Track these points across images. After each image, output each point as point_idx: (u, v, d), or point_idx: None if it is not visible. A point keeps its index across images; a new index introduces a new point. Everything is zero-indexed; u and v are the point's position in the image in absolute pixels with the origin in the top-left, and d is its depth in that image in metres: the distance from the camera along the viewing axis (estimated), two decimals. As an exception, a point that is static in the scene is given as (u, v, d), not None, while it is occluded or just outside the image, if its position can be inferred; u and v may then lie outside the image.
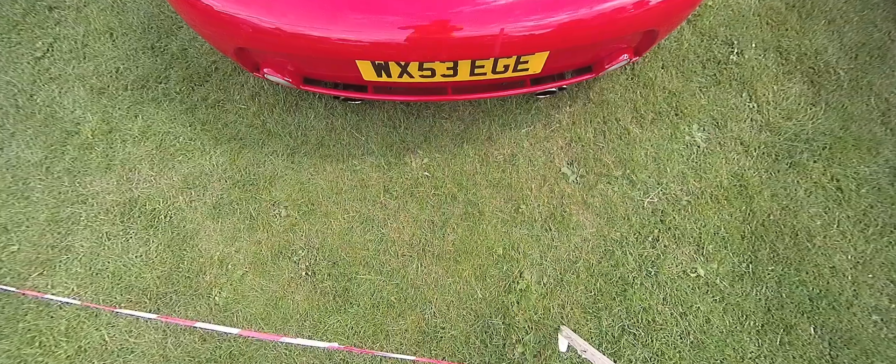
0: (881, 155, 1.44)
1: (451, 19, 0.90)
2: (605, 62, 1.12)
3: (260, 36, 0.94)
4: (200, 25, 1.02)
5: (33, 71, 1.67)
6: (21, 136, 1.56)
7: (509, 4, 0.89)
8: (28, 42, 1.74)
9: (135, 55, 1.60)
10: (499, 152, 1.37)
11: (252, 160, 1.39)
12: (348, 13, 0.89)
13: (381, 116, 1.42)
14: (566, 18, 0.91)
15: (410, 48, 0.93)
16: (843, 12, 1.69)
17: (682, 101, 1.45)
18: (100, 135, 1.51)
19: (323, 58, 0.99)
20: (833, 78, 1.55)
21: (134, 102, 1.53)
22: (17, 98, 1.63)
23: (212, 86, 1.51)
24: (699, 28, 1.57)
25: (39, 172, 1.50)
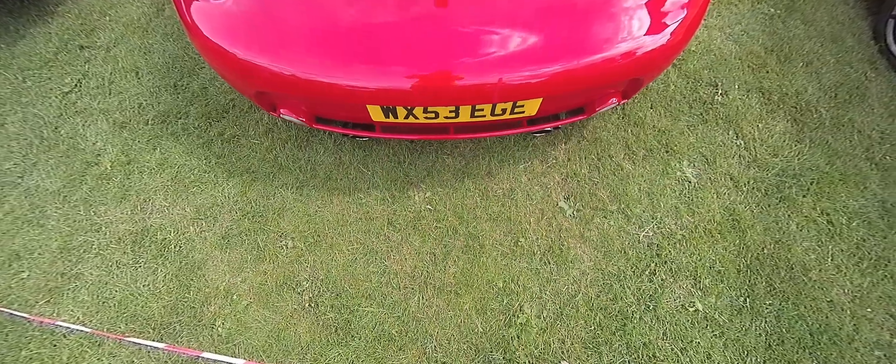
0: (868, 189, 1.48)
1: (453, 69, 0.98)
2: (596, 105, 1.19)
3: (278, 81, 1.02)
4: (224, 70, 1.09)
5: (60, 104, 1.76)
6: (43, 166, 1.62)
7: (507, 56, 0.97)
8: (58, 77, 1.85)
9: (158, 92, 1.70)
10: (498, 187, 1.41)
11: (262, 192, 1.43)
12: (360, 63, 0.97)
13: (387, 152, 1.47)
14: (559, 69, 0.98)
15: (416, 95, 1.00)
16: (820, 55, 1.79)
17: (672, 138, 1.51)
18: (118, 166, 1.56)
19: (336, 102, 1.07)
20: (815, 116, 1.62)
21: (154, 136, 1.60)
22: (43, 130, 1.71)
23: (228, 122, 1.59)
24: (684, 71, 1.66)
25: (57, 201, 1.55)
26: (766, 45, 1.77)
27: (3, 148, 1.67)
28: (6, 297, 1.40)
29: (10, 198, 1.56)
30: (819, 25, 1.85)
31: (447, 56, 0.96)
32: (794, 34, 1.81)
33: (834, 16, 1.89)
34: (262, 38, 0.97)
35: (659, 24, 0.99)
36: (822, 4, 1.92)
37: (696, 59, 1.69)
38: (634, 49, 0.99)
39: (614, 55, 0.98)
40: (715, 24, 1.81)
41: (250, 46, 0.97)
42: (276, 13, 0.96)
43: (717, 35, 1.78)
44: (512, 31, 0.95)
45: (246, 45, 0.98)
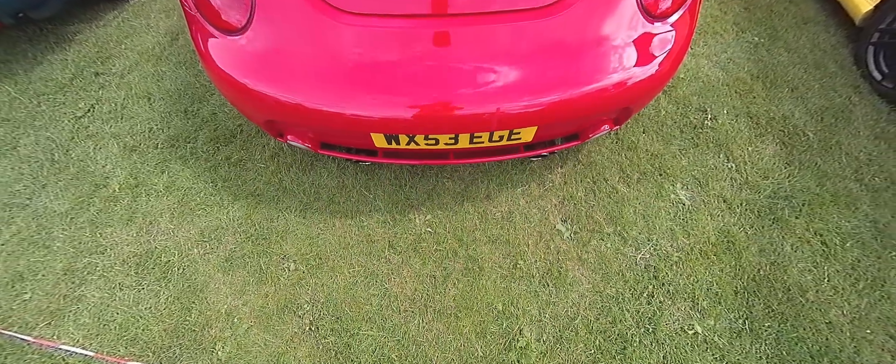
0: (860, 210, 1.50)
1: (453, 100, 1.02)
2: (589, 132, 1.23)
3: (289, 111, 1.06)
4: (235, 99, 1.14)
5: (73, 128, 1.81)
6: (52, 188, 1.64)
7: (503, 88, 1.02)
8: (72, 102, 1.91)
9: (168, 117, 1.75)
10: (497, 209, 1.44)
11: (266, 215, 1.46)
12: (365, 95, 1.02)
13: (389, 176, 1.51)
14: (553, 99, 1.03)
15: (418, 124, 1.04)
16: (804, 81, 1.85)
17: (665, 162, 1.54)
18: (126, 188, 1.59)
19: (342, 130, 1.11)
20: (803, 139, 1.67)
21: (162, 160, 1.63)
22: (54, 152, 1.74)
23: (236, 146, 1.63)
24: (674, 97, 1.71)
25: (64, 223, 1.56)
26: (752, 72, 1.83)
27: (14, 170, 1.70)
28: (7, 319, 1.40)
29: (17, 219, 1.57)
30: (802, 53, 1.93)
31: (447, 88, 1.00)
32: (778, 61, 1.88)
33: (816, 43, 1.97)
34: (274, 72, 1.02)
35: (646, 56, 1.05)
36: (804, 33, 2.01)
37: (686, 85, 1.75)
38: (625, 80, 1.04)
39: (605, 86, 1.03)
40: (702, 53, 1.89)
41: (263, 78, 1.02)
42: (287, 49, 1.01)
43: (705, 63, 1.85)
44: (508, 66, 1.00)
45: (259, 77, 1.03)
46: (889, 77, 1.80)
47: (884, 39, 1.82)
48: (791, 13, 2.09)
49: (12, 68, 2.08)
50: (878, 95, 1.81)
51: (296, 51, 1.01)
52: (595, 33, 1.00)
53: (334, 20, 0.98)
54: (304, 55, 1.00)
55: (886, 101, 1.78)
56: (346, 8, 0.98)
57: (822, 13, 2.11)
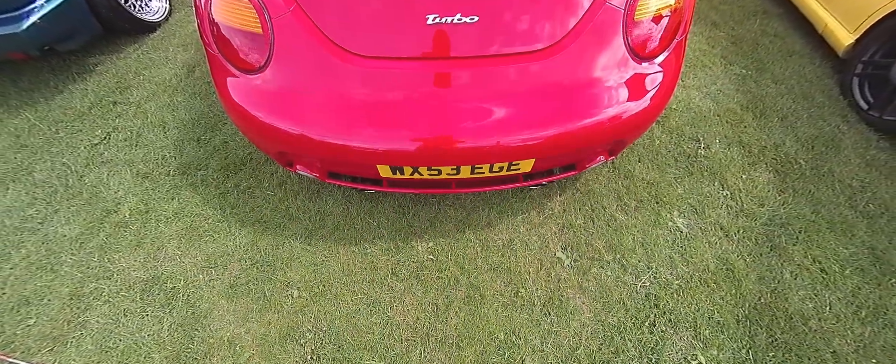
0: (856, 237, 1.50)
1: (455, 134, 1.07)
2: (586, 162, 1.27)
3: (300, 143, 1.11)
4: (250, 132, 1.20)
5: (88, 155, 1.86)
6: (64, 213, 1.67)
7: (503, 123, 1.06)
8: (89, 130, 1.97)
9: (181, 145, 1.80)
10: (498, 237, 1.45)
11: (272, 242, 1.47)
12: (372, 130, 1.07)
13: (393, 203, 1.53)
14: (549, 133, 1.08)
15: (422, 157, 1.09)
16: (793, 110, 1.91)
17: (661, 190, 1.57)
18: (137, 214, 1.62)
19: (349, 161, 1.15)
20: (795, 167, 1.70)
21: (173, 186, 1.67)
22: (69, 178, 1.78)
23: (245, 174, 1.67)
24: (667, 127, 1.76)
25: (73, 247, 1.58)
26: (742, 103, 1.89)
27: (28, 194, 1.74)
28: (10, 344, 1.39)
29: (28, 243, 1.59)
30: (789, 83, 1.99)
31: (450, 124, 1.05)
32: (766, 92, 1.95)
33: (802, 75, 2.05)
34: (289, 108, 1.08)
35: (636, 93, 1.11)
36: (790, 65, 2.09)
37: (678, 116, 1.81)
38: (616, 115, 1.10)
39: (598, 121, 1.08)
40: (692, 85, 1.96)
41: (278, 114, 1.09)
42: (302, 87, 1.08)
43: (696, 94, 1.91)
44: (507, 103, 1.05)
45: (275, 112, 1.09)
46: (875, 106, 1.85)
47: (867, 71, 1.89)
48: (776, 46, 2.18)
49: (34, 96, 2.16)
50: (866, 124, 1.86)
51: (309, 89, 1.07)
52: (587, 73, 1.06)
53: (347, 62, 1.04)
54: (317, 93, 1.06)
55: (874, 130, 1.83)
56: (358, 51, 1.04)
57: (806, 46, 2.20)
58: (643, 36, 1.09)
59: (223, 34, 1.11)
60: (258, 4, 1.06)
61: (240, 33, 1.09)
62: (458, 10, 1.01)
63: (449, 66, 1.05)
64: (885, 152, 1.75)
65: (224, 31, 1.11)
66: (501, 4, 1.03)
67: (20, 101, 2.15)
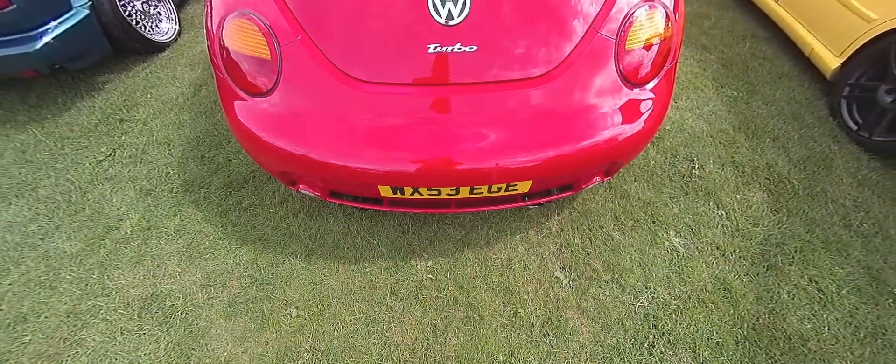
0: (852, 256, 1.51)
1: (454, 157, 1.09)
2: (582, 183, 1.30)
3: (304, 164, 1.14)
4: (255, 153, 1.22)
5: (93, 171, 1.88)
6: (65, 229, 1.67)
7: (501, 146, 1.09)
8: (94, 146, 2.00)
9: (185, 162, 1.83)
10: (496, 256, 1.46)
11: (272, 260, 1.48)
12: (374, 152, 1.09)
13: (392, 222, 1.55)
14: (545, 156, 1.10)
15: (422, 178, 1.11)
16: (784, 131, 1.95)
17: (657, 209, 1.59)
18: (138, 231, 1.62)
19: (351, 182, 1.17)
20: (788, 187, 1.72)
21: (176, 203, 1.68)
22: (72, 194, 1.80)
23: (247, 191, 1.68)
24: (662, 148, 1.80)
25: (73, 264, 1.58)
26: (734, 124, 1.94)
27: (31, 210, 1.74)
28: (4, 362, 1.37)
29: (27, 259, 1.59)
30: (779, 105, 2.05)
31: (450, 147, 1.08)
32: (757, 113, 2.00)
33: (792, 97, 2.10)
34: (294, 130, 1.11)
35: (628, 117, 1.14)
36: (780, 87, 2.14)
37: (672, 136, 1.84)
38: (610, 138, 1.13)
39: (592, 144, 1.12)
40: (685, 106, 2.01)
41: (284, 136, 1.12)
42: (307, 110, 1.11)
43: (689, 115, 1.96)
44: (505, 127, 1.09)
45: (280, 134, 1.12)
46: (864, 127, 1.90)
47: (854, 93, 1.95)
48: (766, 69, 2.24)
49: (42, 113, 2.20)
50: (857, 144, 1.90)
51: (314, 112, 1.10)
52: (581, 99, 1.10)
53: (351, 88, 1.08)
54: (322, 116, 1.10)
55: (865, 150, 1.87)
56: (362, 77, 1.08)
57: (795, 69, 2.27)
58: (634, 64, 1.13)
59: (233, 58, 1.15)
60: (267, 32, 1.10)
61: (249, 59, 1.13)
62: (458, 40, 1.05)
63: (449, 91, 1.09)
64: (877, 172, 1.78)
65: (234, 55, 1.15)
66: (499, 35, 1.08)
67: (28, 117, 2.18)
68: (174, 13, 2.57)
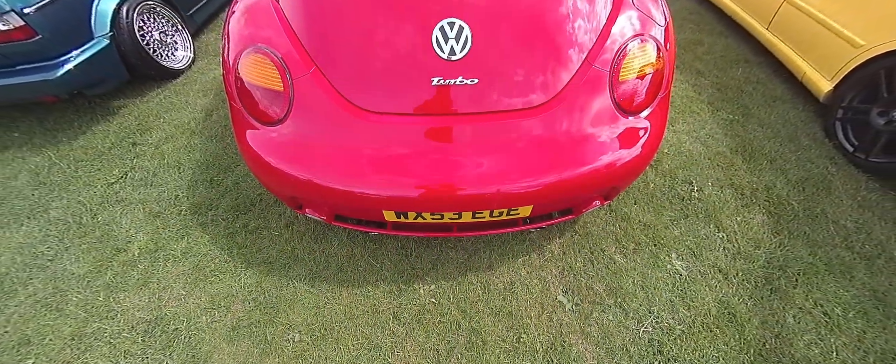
0: (856, 279, 1.50)
1: (456, 182, 1.12)
2: (582, 207, 1.32)
3: (312, 190, 1.17)
4: (265, 178, 1.26)
5: (104, 194, 1.92)
6: (74, 251, 1.70)
7: (502, 172, 1.12)
8: (107, 169, 2.05)
9: (194, 185, 1.87)
10: (499, 280, 1.46)
11: (276, 283, 1.48)
12: (381, 178, 1.13)
13: (396, 245, 1.56)
14: (544, 182, 1.13)
15: (425, 203, 1.14)
16: (781, 153, 1.97)
17: (658, 232, 1.60)
18: (146, 253, 1.65)
19: (358, 206, 1.20)
20: (788, 209, 1.73)
21: (183, 226, 1.71)
22: (83, 216, 1.83)
23: (254, 214, 1.71)
24: (661, 170, 1.82)
25: (80, 286, 1.59)
26: (731, 146, 1.97)
27: (41, 231, 1.78)
28: (5, 388, 1.37)
29: (35, 280, 1.61)
30: (775, 128, 2.08)
31: (451, 174, 1.12)
32: (753, 136, 2.03)
33: (787, 119, 2.14)
34: (304, 157, 1.16)
35: (624, 144, 1.18)
36: (774, 110, 2.19)
37: (670, 159, 1.87)
38: (608, 164, 1.16)
39: (590, 170, 1.14)
40: (683, 130, 2.05)
41: (294, 163, 1.16)
42: (316, 138, 1.16)
43: (686, 138, 1.99)
44: (505, 154, 1.12)
45: (290, 161, 1.16)
46: (860, 149, 1.91)
47: (848, 115, 1.98)
48: (760, 92, 2.29)
49: (57, 136, 2.27)
50: (854, 166, 1.92)
51: (324, 140, 1.15)
52: (578, 128, 1.14)
53: (358, 117, 1.13)
54: (330, 144, 1.14)
55: (862, 171, 1.88)
56: (369, 108, 1.13)
57: (788, 92, 2.32)
58: (628, 93, 1.17)
59: (247, 89, 1.21)
60: (281, 65, 1.16)
61: (262, 90, 1.18)
62: (460, 74, 1.11)
63: (451, 121, 1.13)
64: (876, 193, 1.79)
65: (248, 87, 1.21)
66: (498, 69, 1.13)
67: (44, 139, 2.25)
68: (190, 42, 2.69)
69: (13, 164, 2.11)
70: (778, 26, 2.40)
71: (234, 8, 1.41)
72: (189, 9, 2.76)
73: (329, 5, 1.18)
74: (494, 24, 1.12)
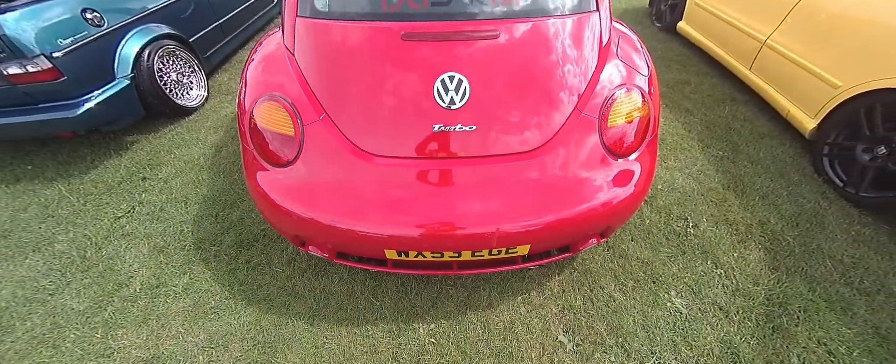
0: (858, 315, 1.49)
1: (455, 221, 1.16)
2: (579, 245, 1.35)
3: (318, 229, 1.20)
4: (273, 217, 1.29)
5: (110, 227, 1.95)
6: (76, 285, 1.70)
7: (500, 213, 1.16)
8: (115, 203, 2.09)
9: (200, 220, 1.90)
10: (499, 319, 1.45)
11: (275, 321, 1.48)
12: (384, 218, 1.16)
13: (396, 282, 1.57)
14: (544, 221, 1.17)
15: (426, 243, 1.17)
16: (772, 189, 2.02)
17: (656, 269, 1.61)
18: (147, 289, 1.65)
19: (361, 245, 1.23)
20: (784, 245, 1.75)
21: (186, 261, 1.73)
22: (87, 250, 1.85)
23: (257, 250, 1.73)
24: (655, 207, 1.86)
25: (78, 322, 1.57)
26: (723, 182, 2.02)
27: (45, 265, 1.79)
28: (-7, 433, 1.33)
29: (34, 315, 1.60)
30: (764, 164, 2.14)
31: (451, 214, 1.16)
32: (744, 172, 2.08)
33: (775, 155, 2.20)
34: (311, 198, 1.20)
35: (616, 185, 1.22)
36: (763, 146, 2.26)
37: (665, 196, 1.91)
38: (600, 204, 1.20)
39: (586, 209, 1.19)
40: (675, 166, 2.11)
41: (301, 203, 1.20)
42: (324, 180, 1.21)
43: (678, 175, 2.05)
44: (503, 195, 1.17)
45: (298, 201, 1.21)
46: (850, 184, 1.96)
47: (834, 151, 2.04)
48: (747, 129, 2.38)
49: (69, 169, 2.34)
50: (846, 200, 1.95)
51: (330, 182, 1.20)
52: (570, 170, 1.20)
53: (364, 160, 1.19)
54: (337, 185, 1.19)
55: (854, 205, 1.91)
56: (374, 151, 1.20)
57: (774, 129, 2.40)
58: (617, 138, 1.25)
59: (260, 132, 1.28)
60: (293, 112, 1.24)
61: (274, 134, 1.25)
62: (460, 121, 1.18)
63: (451, 164, 1.19)
64: (870, 227, 1.81)
65: (261, 130, 1.28)
66: (495, 116, 1.21)
67: (55, 173, 2.32)
68: (205, 81, 2.84)
69: (24, 197, 2.16)
70: (759, 68, 2.53)
71: (253, 56, 1.52)
72: (206, 51, 2.94)
73: (339, 58, 1.29)
74: (491, 77, 1.22)
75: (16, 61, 1.92)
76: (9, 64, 1.93)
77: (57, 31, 2.01)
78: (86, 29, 2.12)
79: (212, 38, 3.06)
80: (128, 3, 2.38)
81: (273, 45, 1.49)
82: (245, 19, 3.61)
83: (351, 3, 1.33)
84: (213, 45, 3.08)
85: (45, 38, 1.96)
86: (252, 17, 3.77)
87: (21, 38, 1.89)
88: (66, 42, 2.03)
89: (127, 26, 2.33)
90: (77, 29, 2.09)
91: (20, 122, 2.07)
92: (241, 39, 3.59)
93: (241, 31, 3.54)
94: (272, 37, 1.57)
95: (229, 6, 3.31)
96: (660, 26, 4.09)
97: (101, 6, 2.22)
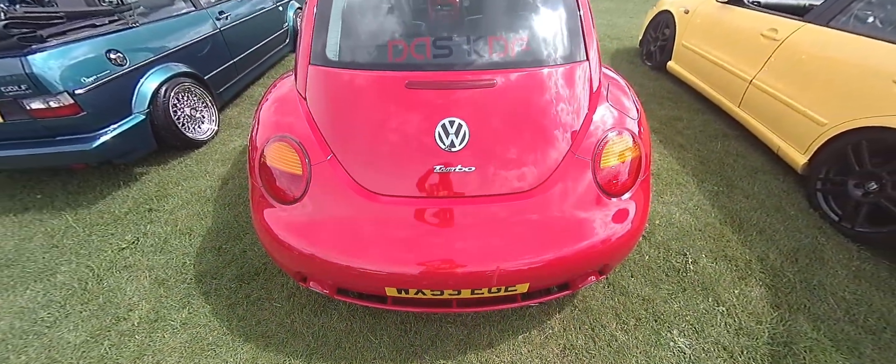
0: (865, 355, 1.45)
1: (455, 258, 1.19)
2: (578, 282, 1.36)
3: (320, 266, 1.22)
4: (277, 253, 1.32)
5: (113, 259, 1.96)
6: (75, 317, 1.68)
7: (499, 251, 1.19)
8: (120, 234, 2.11)
9: (202, 253, 1.92)
10: (499, 359, 1.43)
11: (272, 360, 1.45)
12: (386, 255, 1.19)
13: (395, 320, 1.56)
14: (539, 259, 1.19)
15: (426, 281, 1.19)
16: (769, 224, 2.04)
17: (657, 306, 1.60)
18: (145, 323, 1.64)
19: (362, 282, 1.25)
20: (784, 281, 1.74)
21: (186, 295, 1.73)
22: (88, 281, 1.85)
23: (257, 284, 1.74)
24: (654, 242, 1.88)
25: (74, 356, 1.54)
26: (719, 217, 2.05)
27: (45, 296, 1.78)
28: None
29: (30, 349, 1.57)
30: (759, 198, 2.18)
31: (451, 252, 1.18)
32: (740, 206, 2.12)
33: (770, 190, 2.25)
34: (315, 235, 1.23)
35: (611, 223, 1.26)
36: (757, 181, 2.31)
37: (663, 231, 1.94)
38: (599, 241, 1.23)
39: (582, 248, 1.21)
40: (672, 201, 2.15)
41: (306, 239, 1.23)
42: (328, 218, 1.25)
43: (675, 210, 2.08)
44: (502, 234, 1.20)
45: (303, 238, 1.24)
46: (845, 219, 1.98)
47: (827, 186, 2.08)
48: (741, 164, 2.44)
49: (78, 199, 2.38)
50: (843, 235, 1.96)
51: (335, 220, 1.24)
52: (566, 209, 1.24)
53: (368, 199, 1.24)
54: (341, 223, 1.23)
55: (852, 240, 1.92)
56: (378, 191, 1.25)
57: (767, 164, 2.46)
58: (610, 178, 1.30)
59: (269, 170, 1.34)
60: (302, 152, 1.31)
61: (283, 173, 1.31)
62: (459, 163, 1.25)
63: (451, 203, 1.24)
64: (870, 262, 1.81)
65: (270, 169, 1.34)
66: (494, 158, 1.28)
67: (64, 203, 2.37)
68: (216, 116, 2.97)
69: (30, 226, 2.20)
70: (748, 105, 2.64)
71: (267, 96, 1.62)
72: (220, 87, 3.10)
73: (347, 104, 1.38)
74: (489, 122, 1.30)
75: (39, 97, 2.03)
76: (32, 100, 2.04)
77: (81, 70, 2.13)
78: (108, 68, 2.26)
79: (226, 75, 3.23)
80: (149, 44, 2.55)
81: (286, 88, 1.59)
82: (257, 58, 3.83)
83: (359, 53, 1.45)
84: (227, 82, 3.24)
85: (69, 76, 2.07)
86: (264, 56, 4.00)
87: (46, 75, 2.00)
88: (90, 80, 2.15)
89: (147, 66, 2.48)
90: (101, 68, 2.22)
91: (36, 153, 2.15)
92: (252, 76, 3.79)
93: (253, 68, 3.75)
94: (286, 80, 1.68)
95: (243, 46, 3.53)
96: (650, 65, 4.30)
97: (124, 47, 2.37)
